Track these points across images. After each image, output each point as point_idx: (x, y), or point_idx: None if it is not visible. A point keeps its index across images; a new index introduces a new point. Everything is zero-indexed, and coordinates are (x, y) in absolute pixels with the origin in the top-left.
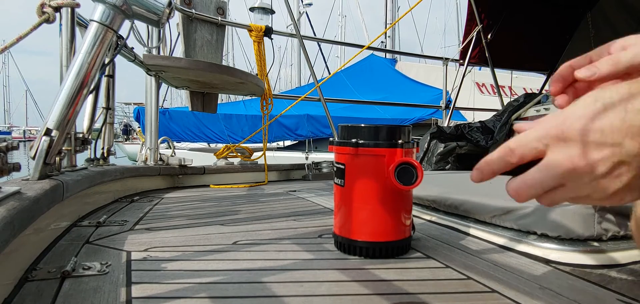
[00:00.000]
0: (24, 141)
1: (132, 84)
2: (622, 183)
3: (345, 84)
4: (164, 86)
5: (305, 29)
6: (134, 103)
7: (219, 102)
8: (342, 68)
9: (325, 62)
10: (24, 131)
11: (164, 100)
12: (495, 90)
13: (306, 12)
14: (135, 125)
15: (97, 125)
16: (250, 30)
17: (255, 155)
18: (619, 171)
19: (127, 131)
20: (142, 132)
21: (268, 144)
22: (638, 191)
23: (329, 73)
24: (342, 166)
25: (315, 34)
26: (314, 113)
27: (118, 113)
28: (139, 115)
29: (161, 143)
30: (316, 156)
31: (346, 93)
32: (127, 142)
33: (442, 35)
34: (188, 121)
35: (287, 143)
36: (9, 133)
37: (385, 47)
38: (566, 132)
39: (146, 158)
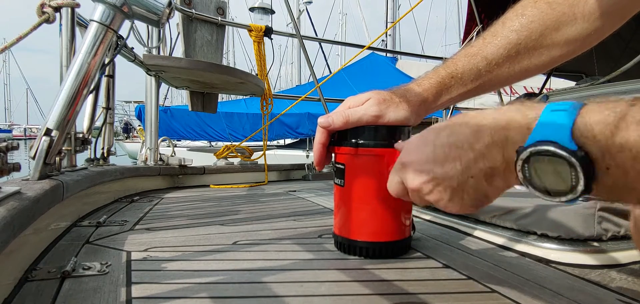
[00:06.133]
0: (25, 139)
1: (133, 83)
2: (446, 195)
3: (346, 83)
4: (164, 85)
5: (306, 27)
6: (135, 102)
7: (220, 100)
8: (343, 67)
9: (326, 61)
10: (25, 129)
11: (165, 99)
12: (495, 90)
13: (306, 10)
14: (136, 123)
15: (97, 125)
16: (250, 30)
17: (256, 154)
18: (438, 188)
19: (127, 129)
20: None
21: (268, 142)
22: (458, 201)
23: (330, 72)
24: (342, 167)
25: (316, 32)
26: (314, 112)
27: (119, 112)
28: (141, 113)
29: (161, 142)
30: None
31: (347, 91)
32: (128, 140)
33: (443, 33)
34: (190, 119)
35: (288, 141)
36: (10, 131)
37: (386, 45)
38: (402, 160)
39: (146, 158)
